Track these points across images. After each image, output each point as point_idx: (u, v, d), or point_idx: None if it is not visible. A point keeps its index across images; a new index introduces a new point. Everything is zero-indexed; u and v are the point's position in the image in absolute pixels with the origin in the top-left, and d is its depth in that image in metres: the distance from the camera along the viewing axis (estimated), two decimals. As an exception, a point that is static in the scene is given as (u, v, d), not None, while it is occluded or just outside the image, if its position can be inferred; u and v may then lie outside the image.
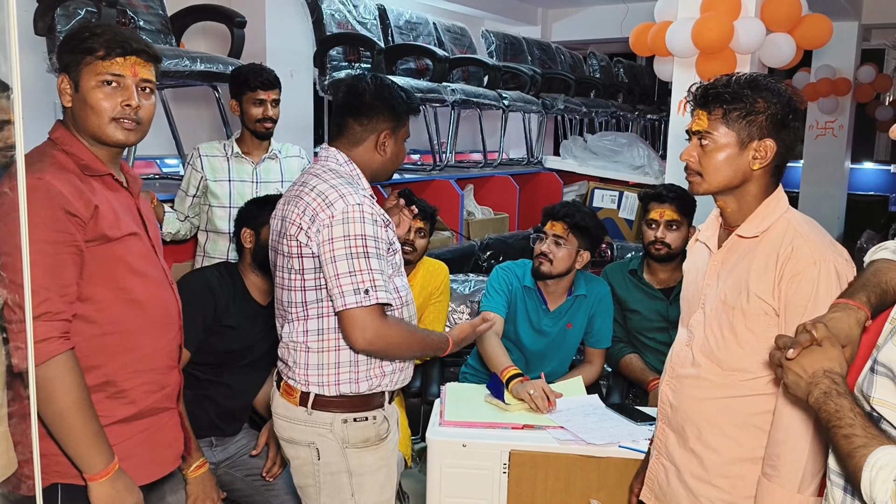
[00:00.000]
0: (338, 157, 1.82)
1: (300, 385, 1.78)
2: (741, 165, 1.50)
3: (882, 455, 1.02)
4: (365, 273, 1.67)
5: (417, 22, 4.81)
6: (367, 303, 1.66)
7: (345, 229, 1.68)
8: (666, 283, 2.73)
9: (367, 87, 1.81)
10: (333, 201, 1.70)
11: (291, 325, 1.80)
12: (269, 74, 2.72)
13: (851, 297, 1.29)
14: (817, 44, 3.58)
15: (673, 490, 1.64)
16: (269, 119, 2.73)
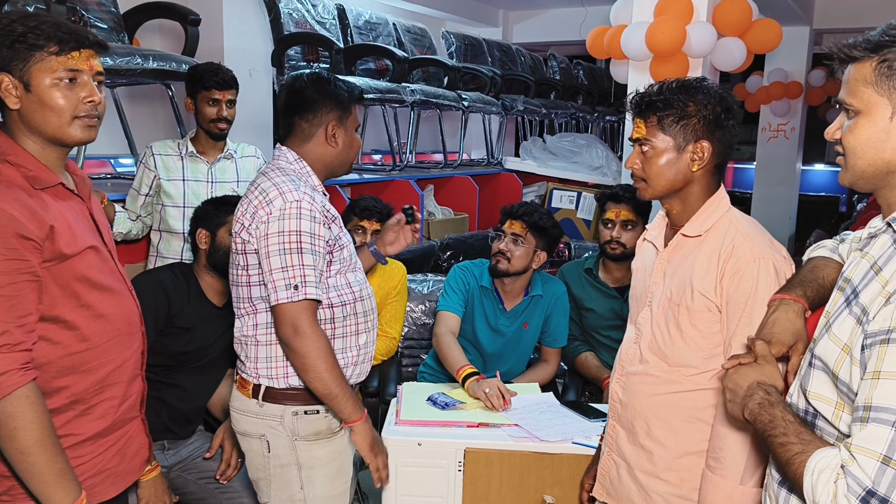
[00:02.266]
0: (287, 155, 1.84)
1: (252, 378, 1.81)
2: (681, 168, 1.54)
3: (820, 458, 1.05)
4: (296, 269, 1.69)
5: (377, 22, 4.80)
6: (296, 298, 1.69)
7: (280, 225, 1.70)
8: (621, 281, 2.78)
9: (305, 83, 1.84)
10: (273, 199, 1.72)
11: (242, 320, 1.83)
12: (225, 74, 2.70)
13: (788, 292, 1.34)
14: (767, 48, 3.67)
15: (624, 485, 1.67)
16: (224, 119, 2.71)
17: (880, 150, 1.09)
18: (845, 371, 1.08)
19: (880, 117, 1.08)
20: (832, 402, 1.12)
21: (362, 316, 1.87)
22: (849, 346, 1.08)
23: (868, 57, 1.08)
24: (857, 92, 1.10)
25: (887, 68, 1.06)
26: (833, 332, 1.12)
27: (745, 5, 3.51)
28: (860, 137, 1.10)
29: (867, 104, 1.09)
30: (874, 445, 0.98)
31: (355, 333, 1.86)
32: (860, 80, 1.10)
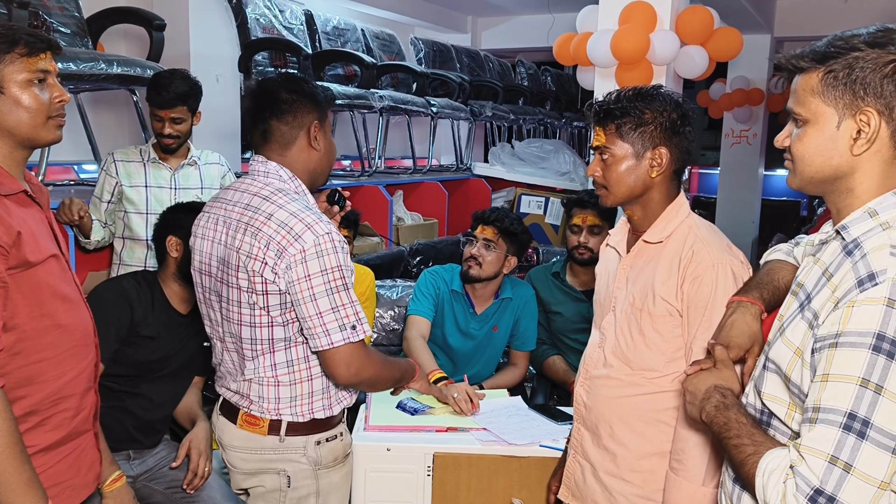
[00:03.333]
0: (280, 172, 1.69)
1: (268, 415, 1.71)
2: (641, 175, 1.58)
3: (771, 459, 1.08)
4: (348, 307, 1.60)
5: (345, 28, 4.80)
6: (354, 339, 1.61)
7: (321, 263, 1.57)
8: (588, 285, 2.81)
9: (279, 82, 1.71)
10: (301, 233, 1.57)
11: (258, 360, 1.69)
12: (169, 93, 2.60)
13: (746, 295, 1.38)
14: (729, 56, 3.73)
15: (589, 487, 1.69)
16: (169, 136, 2.67)
17: (828, 158, 1.12)
18: (797, 373, 1.11)
19: (827, 126, 1.11)
20: (785, 402, 1.15)
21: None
22: (801, 350, 1.11)
23: (815, 68, 1.12)
24: (804, 102, 1.13)
25: (833, 79, 1.09)
26: (786, 336, 1.15)
27: (706, 14, 3.57)
28: (808, 146, 1.14)
29: (815, 113, 1.12)
30: (822, 446, 1.01)
31: None
32: (808, 91, 1.13)
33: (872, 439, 0.98)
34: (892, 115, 1.07)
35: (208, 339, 2.19)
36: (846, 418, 1.00)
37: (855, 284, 1.04)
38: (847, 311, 1.02)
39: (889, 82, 1.06)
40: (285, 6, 4.28)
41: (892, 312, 0.99)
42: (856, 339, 1.01)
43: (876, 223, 1.09)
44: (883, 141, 1.08)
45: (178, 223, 2.21)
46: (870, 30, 1.10)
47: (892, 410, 0.98)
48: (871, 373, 0.99)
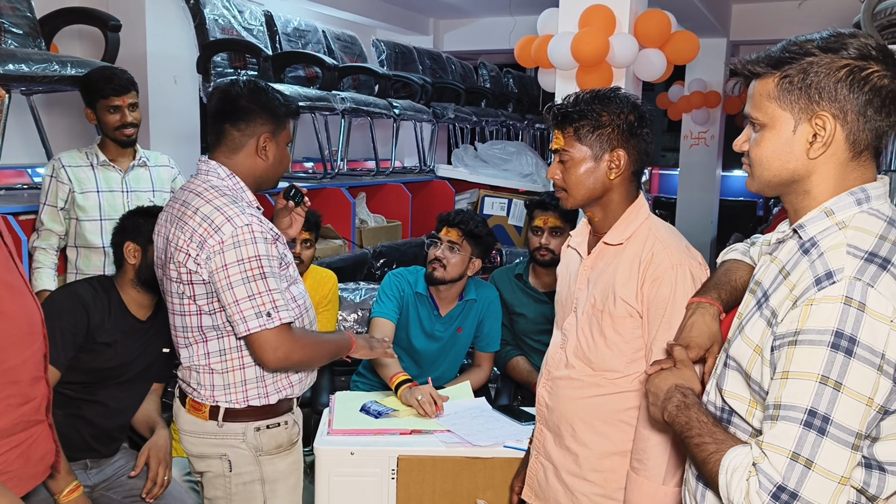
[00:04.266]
0: (219, 171, 1.77)
1: (208, 401, 1.78)
2: (599, 177, 1.59)
3: (734, 457, 1.09)
4: (264, 295, 1.66)
5: (306, 29, 4.77)
6: (271, 325, 1.66)
7: (237, 253, 1.64)
8: (551, 286, 2.82)
9: (242, 90, 1.78)
10: (220, 225, 1.65)
11: (191, 349, 1.77)
12: (120, 78, 2.59)
13: (704, 295, 1.40)
14: (686, 59, 3.80)
15: (551, 487, 1.70)
16: (130, 125, 2.62)
17: (785, 162, 1.14)
18: (757, 371, 1.13)
19: (784, 130, 1.13)
20: (746, 399, 1.17)
21: (310, 326, 1.86)
22: (760, 347, 1.13)
23: (770, 73, 1.14)
24: (761, 106, 1.15)
25: (788, 83, 1.11)
26: (745, 334, 1.17)
27: (664, 18, 3.63)
28: (766, 150, 1.15)
29: (771, 118, 1.14)
30: (784, 443, 1.03)
31: None
32: (764, 95, 1.15)
33: (832, 435, 1.00)
34: (847, 119, 1.09)
35: (167, 345, 2.17)
36: (807, 415, 1.01)
37: (813, 283, 1.05)
38: (806, 310, 1.04)
39: (843, 86, 1.08)
40: (244, 7, 4.23)
41: (849, 310, 1.01)
42: (815, 337, 1.02)
43: (832, 222, 1.11)
44: (838, 144, 1.11)
45: (137, 228, 2.17)
46: (823, 35, 1.12)
47: (851, 407, 1.00)
48: (830, 370, 1.01)
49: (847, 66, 1.08)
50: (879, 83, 1.08)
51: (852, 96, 1.08)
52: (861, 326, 1.00)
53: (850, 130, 1.10)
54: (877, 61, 1.08)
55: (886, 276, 1.03)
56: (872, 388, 1.00)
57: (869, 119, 1.09)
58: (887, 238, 1.07)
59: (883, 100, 1.08)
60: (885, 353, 1.00)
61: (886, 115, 1.09)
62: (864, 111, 1.08)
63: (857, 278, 1.02)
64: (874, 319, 1.00)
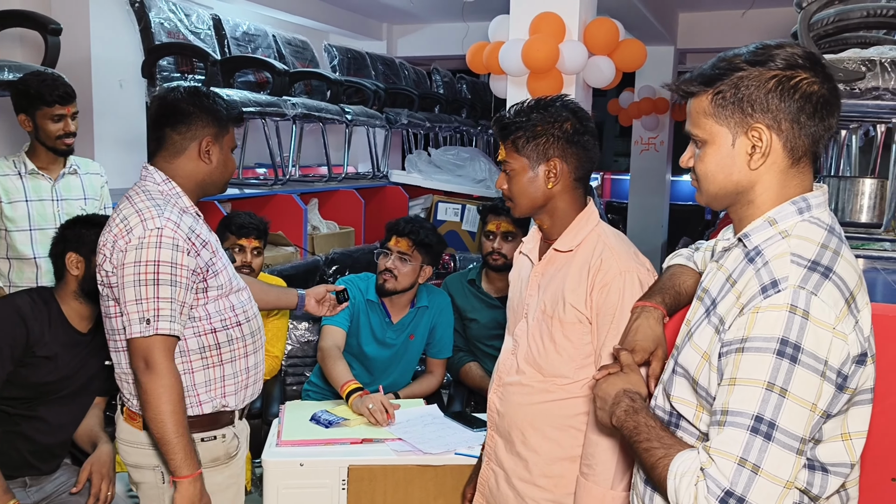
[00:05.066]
0: (155, 175, 1.75)
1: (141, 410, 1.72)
2: (539, 186, 1.61)
3: (682, 462, 1.10)
4: (150, 301, 1.62)
5: (256, 34, 4.70)
6: (147, 332, 1.62)
7: (137, 255, 1.62)
8: (503, 291, 2.83)
9: (182, 95, 1.76)
10: (133, 226, 1.65)
11: (120, 355, 1.76)
12: (64, 87, 2.52)
13: (649, 300, 1.42)
14: (634, 66, 3.86)
15: (502, 493, 1.70)
16: (72, 135, 2.55)
17: (728, 175, 1.17)
18: (704, 377, 1.15)
19: (724, 145, 1.16)
20: (693, 404, 1.19)
21: (250, 337, 1.82)
22: (708, 354, 1.15)
23: (703, 91, 1.17)
24: (699, 123, 1.18)
25: (722, 99, 1.14)
26: (694, 341, 1.19)
27: (612, 26, 3.68)
28: (709, 165, 1.18)
29: (710, 134, 1.17)
30: (731, 448, 1.04)
31: (244, 356, 1.81)
32: (700, 113, 1.18)
33: (778, 441, 1.02)
34: (781, 128, 1.12)
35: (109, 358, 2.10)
36: (753, 421, 1.03)
37: (759, 291, 1.07)
38: (752, 317, 1.06)
39: (773, 97, 1.11)
40: (192, 10, 4.16)
41: (794, 318, 1.03)
42: (761, 344, 1.04)
43: (775, 231, 1.13)
44: (777, 153, 1.13)
45: (79, 238, 2.10)
46: (750, 48, 1.15)
47: (795, 413, 1.02)
48: (776, 376, 1.02)
49: (775, 76, 1.11)
50: (809, 90, 1.11)
51: (784, 105, 1.11)
52: (805, 334, 1.02)
53: (786, 139, 1.12)
54: (804, 69, 1.11)
55: (829, 284, 1.06)
56: (816, 394, 1.02)
57: (803, 126, 1.12)
58: (828, 247, 1.10)
59: (815, 105, 1.11)
60: (827, 359, 1.02)
61: (820, 119, 1.12)
62: (798, 118, 1.11)
63: (802, 287, 1.05)
64: (817, 327, 1.02)
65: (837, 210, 2.33)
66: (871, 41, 2.22)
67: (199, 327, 1.72)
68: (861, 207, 2.31)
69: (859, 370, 1.06)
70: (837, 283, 1.06)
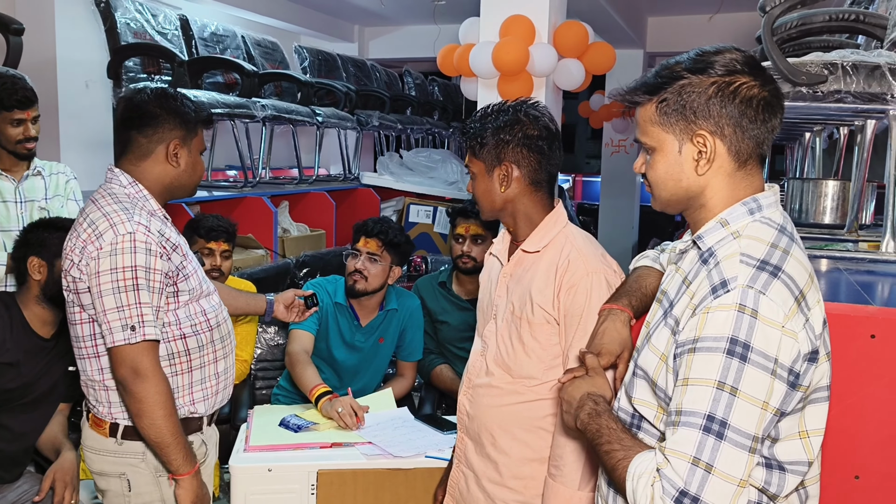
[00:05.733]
0: (121, 178, 1.72)
1: (107, 417, 1.71)
2: (493, 190, 1.64)
3: (639, 464, 1.11)
4: (133, 307, 1.60)
5: (224, 34, 4.66)
6: (133, 339, 1.60)
7: (112, 261, 1.59)
8: (474, 293, 2.84)
9: (149, 97, 1.73)
10: (103, 231, 1.61)
11: (85, 363, 1.71)
12: (25, 90, 2.47)
13: (616, 302, 1.43)
14: (603, 69, 3.90)
15: (472, 495, 1.70)
16: (33, 139, 2.51)
17: (677, 181, 1.19)
18: (662, 379, 1.16)
19: (671, 151, 1.18)
20: (654, 406, 1.20)
21: (220, 342, 1.80)
22: (665, 356, 1.16)
23: (648, 100, 1.19)
24: (647, 131, 1.20)
25: (666, 107, 1.16)
26: (652, 343, 1.20)
27: (581, 29, 3.71)
28: (659, 172, 1.20)
29: (658, 141, 1.19)
30: (684, 448, 1.05)
31: (214, 361, 1.79)
32: (647, 121, 1.20)
33: (730, 439, 1.03)
34: (725, 133, 1.14)
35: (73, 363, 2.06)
36: (705, 420, 1.04)
37: (709, 291, 1.09)
38: (703, 317, 1.07)
39: (714, 103, 1.13)
40: (158, 10, 4.10)
41: (743, 317, 1.04)
42: (711, 344, 1.05)
43: (727, 232, 1.15)
44: (722, 157, 1.15)
45: (41, 242, 2.06)
46: (690, 56, 1.17)
47: (746, 411, 1.03)
48: (726, 375, 1.04)
49: (715, 83, 1.13)
50: (749, 94, 1.13)
51: (725, 111, 1.13)
52: (754, 332, 1.04)
53: (730, 143, 1.14)
54: (743, 74, 1.13)
55: (777, 283, 1.07)
56: (767, 392, 1.04)
57: (746, 129, 1.14)
58: (778, 246, 1.11)
59: (756, 109, 1.13)
60: (777, 357, 1.04)
61: (762, 122, 1.14)
62: (740, 122, 1.13)
63: (750, 286, 1.06)
64: (766, 325, 1.04)
65: (801, 211, 2.37)
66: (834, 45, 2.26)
67: (168, 332, 1.69)
68: (825, 209, 2.35)
69: (811, 368, 1.08)
70: (786, 281, 1.08)
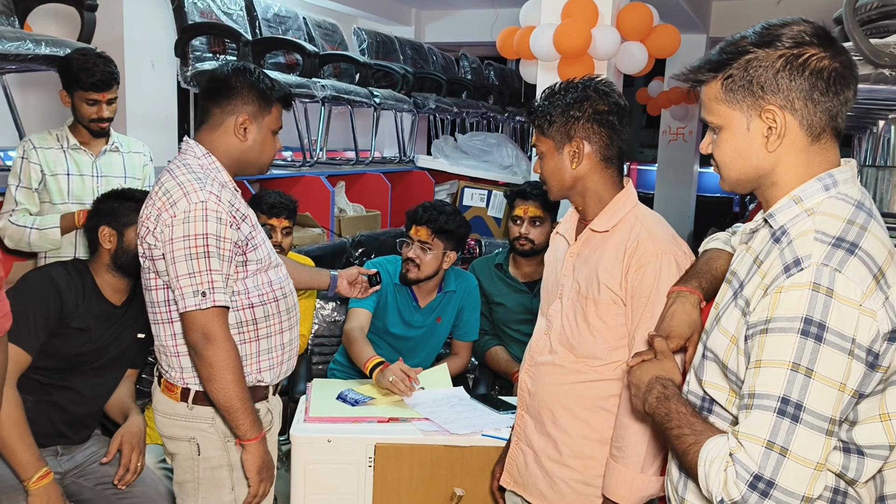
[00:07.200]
0: (195, 149, 1.76)
1: (179, 382, 1.76)
2: (564, 167, 1.61)
3: (711, 448, 1.09)
4: (204, 274, 1.63)
5: (286, 16, 4.71)
6: (204, 305, 1.63)
7: (185, 229, 1.63)
8: (530, 276, 2.83)
9: (229, 70, 1.78)
10: (177, 200, 1.65)
11: (159, 328, 1.76)
12: (102, 73, 2.51)
13: (685, 284, 1.40)
14: (667, 53, 3.81)
15: (531, 473, 1.70)
16: (106, 119, 2.57)
17: (747, 159, 1.16)
18: (733, 361, 1.14)
19: (738, 129, 1.15)
20: (725, 389, 1.18)
21: (285, 313, 1.83)
22: (735, 337, 1.14)
23: (713, 77, 1.16)
24: (713, 110, 1.18)
25: (732, 83, 1.14)
26: (722, 325, 1.17)
27: (646, 11, 3.64)
28: (727, 151, 1.18)
29: (725, 119, 1.17)
30: (758, 431, 1.03)
31: (279, 332, 1.82)
32: (713, 99, 1.17)
33: (806, 422, 1.01)
34: (795, 107, 1.11)
35: (142, 331, 2.13)
36: (780, 403, 1.02)
37: (782, 270, 1.06)
38: (775, 297, 1.05)
39: (783, 76, 1.10)
40: (224, -9, 4.17)
41: (818, 296, 1.01)
42: (784, 325, 1.03)
43: (801, 209, 1.12)
44: (794, 132, 1.12)
45: (112, 212, 2.12)
46: (756, 29, 1.14)
47: (823, 393, 1.01)
48: (801, 357, 1.01)
49: (783, 56, 1.10)
50: (819, 65, 1.09)
51: (794, 84, 1.10)
52: (829, 312, 1.01)
53: (801, 117, 1.11)
54: (812, 45, 1.10)
55: (854, 260, 1.04)
56: (844, 374, 1.01)
57: (818, 102, 1.10)
58: (855, 222, 1.08)
59: (826, 81, 1.10)
60: (855, 337, 1.01)
61: (834, 94, 1.11)
62: (811, 95, 1.10)
63: (825, 264, 1.03)
64: (843, 304, 1.01)
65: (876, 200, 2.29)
66: (915, 28, 2.17)
67: (237, 302, 1.73)
68: (899, 198, 2.27)
69: (892, 348, 1.04)
70: (864, 258, 1.04)
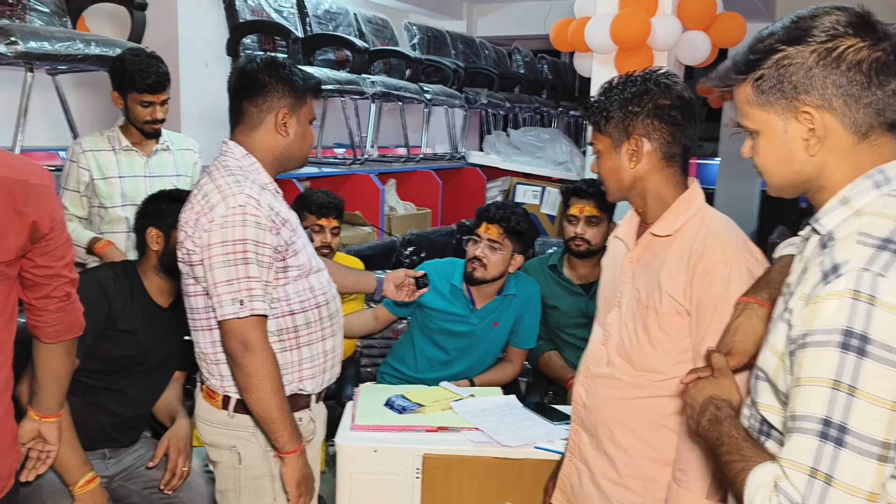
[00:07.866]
0: (235, 151, 1.72)
1: (220, 390, 1.72)
2: (623, 166, 1.50)
3: (757, 475, 1.01)
4: (242, 282, 1.58)
5: (337, 12, 4.68)
6: (242, 314, 1.59)
7: (222, 234, 1.58)
8: (586, 278, 2.72)
9: (259, 66, 1.72)
10: (215, 204, 1.61)
11: (198, 335, 1.73)
12: (156, 75, 2.50)
13: (754, 295, 1.29)
14: (732, 42, 3.64)
15: (585, 492, 1.60)
16: (159, 121, 2.56)
17: (788, 164, 1.07)
18: (782, 381, 1.04)
19: (776, 133, 1.06)
20: (780, 411, 1.08)
21: (328, 320, 1.78)
22: (784, 354, 1.04)
23: (743, 80, 1.08)
24: (747, 114, 1.09)
25: (763, 84, 1.05)
26: (770, 341, 1.08)
27: (709, -2, 3.48)
28: (766, 157, 1.09)
29: (760, 123, 1.08)
30: (801, 458, 0.94)
31: (321, 339, 1.76)
32: (746, 103, 1.09)
33: (852, 446, 0.91)
34: (834, 106, 1.00)
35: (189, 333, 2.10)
36: (822, 426, 0.92)
37: (820, 278, 0.97)
38: (813, 308, 0.95)
39: (816, 74, 1.00)
40: (275, -12, 4.16)
41: (858, 305, 0.91)
42: (822, 338, 0.93)
43: (849, 212, 1.02)
44: (837, 133, 1.02)
45: (159, 213, 2.10)
46: (784, 23, 1.04)
47: (869, 413, 0.90)
48: (841, 373, 0.91)
49: (815, 51, 1.00)
50: (856, 58, 0.98)
51: (830, 81, 0.99)
52: (871, 321, 0.90)
53: (842, 116, 1.01)
54: (848, 36, 0.99)
55: None
56: (893, 390, 0.89)
57: (859, 98, 0.99)
58: None
59: (867, 73, 0.98)
60: None
61: (878, 86, 0.99)
62: (850, 91, 0.99)
63: (866, 269, 0.92)
64: (888, 312, 0.89)
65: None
66: None
67: (277, 308, 1.68)
68: None
69: None
70: None
